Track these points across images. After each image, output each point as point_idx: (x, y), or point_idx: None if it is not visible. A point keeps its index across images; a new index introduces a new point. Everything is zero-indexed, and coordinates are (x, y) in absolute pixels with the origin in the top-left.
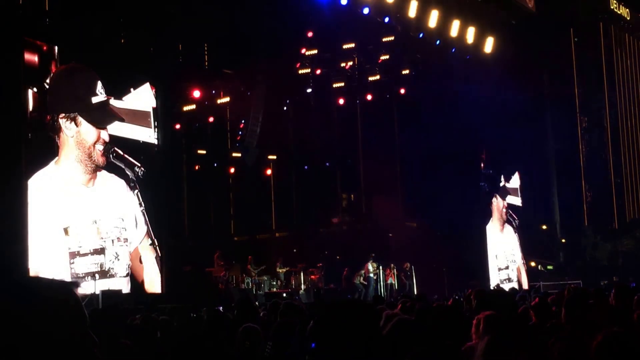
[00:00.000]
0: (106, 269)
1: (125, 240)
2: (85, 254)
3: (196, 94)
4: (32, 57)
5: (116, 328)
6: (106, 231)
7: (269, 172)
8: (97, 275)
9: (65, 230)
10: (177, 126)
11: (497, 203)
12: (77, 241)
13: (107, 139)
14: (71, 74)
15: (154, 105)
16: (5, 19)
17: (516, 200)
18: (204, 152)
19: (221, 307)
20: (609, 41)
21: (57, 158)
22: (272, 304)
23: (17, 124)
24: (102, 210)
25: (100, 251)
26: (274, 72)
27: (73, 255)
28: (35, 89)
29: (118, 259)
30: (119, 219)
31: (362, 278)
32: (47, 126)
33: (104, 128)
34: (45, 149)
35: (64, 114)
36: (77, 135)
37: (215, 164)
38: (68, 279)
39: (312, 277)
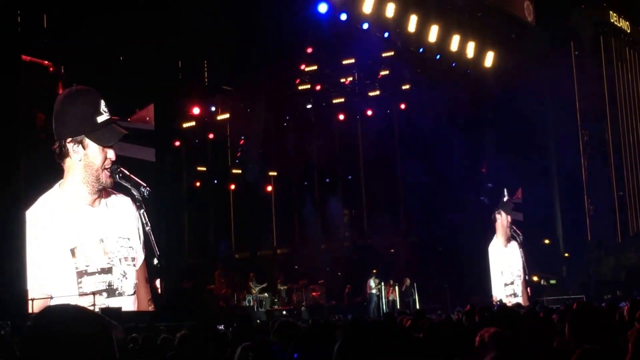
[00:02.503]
0: (114, 288)
1: (133, 259)
2: (92, 273)
3: (196, 110)
4: (38, 78)
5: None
6: (113, 250)
7: (269, 188)
8: (105, 294)
9: (72, 252)
10: (177, 143)
11: (502, 219)
12: (85, 261)
13: (113, 157)
14: (74, 97)
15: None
16: (3, 37)
17: (518, 215)
18: (204, 169)
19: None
20: (609, 54)
21: (61, 181)
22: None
23: (16, 142)
24: (108, 229)
25: (108, 270)
26: (273, 88)
27: (81, 274)
28: (41, 110)
29: (126, 278)
30: (126, 238)
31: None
32: (54, 153)
33: (111, 147)
34: (50, 172)
35: (71, 139)
36: (84, 159)
37: (216, 181)
38: (76, 298)
39: (314, 294)
